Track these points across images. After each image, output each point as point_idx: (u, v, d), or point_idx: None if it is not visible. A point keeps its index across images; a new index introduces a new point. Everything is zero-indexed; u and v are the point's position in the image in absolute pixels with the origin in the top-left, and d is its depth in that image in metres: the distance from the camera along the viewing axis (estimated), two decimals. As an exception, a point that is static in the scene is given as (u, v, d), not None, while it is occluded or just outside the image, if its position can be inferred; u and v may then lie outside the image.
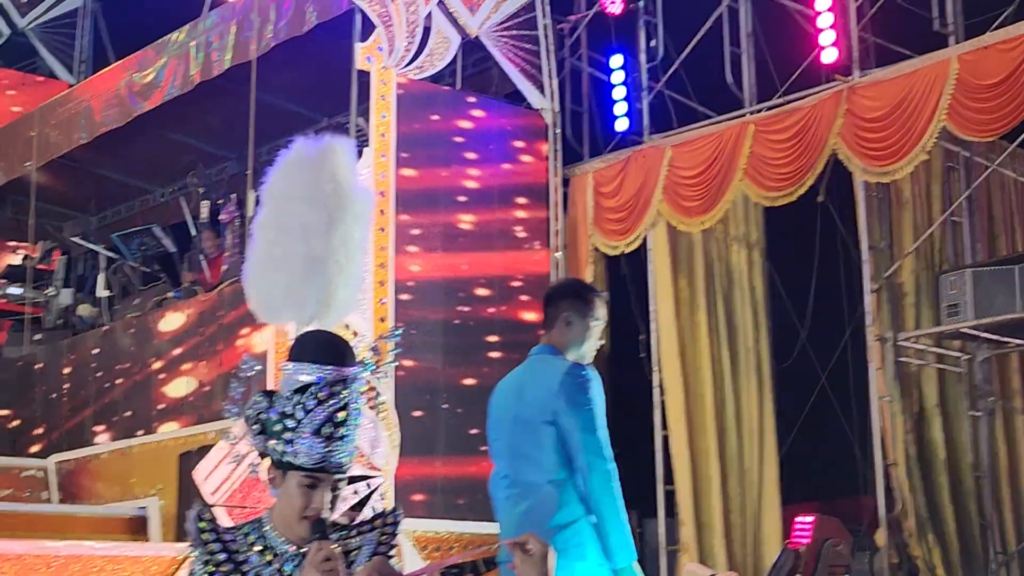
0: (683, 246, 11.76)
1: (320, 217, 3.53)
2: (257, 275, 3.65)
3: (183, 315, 11.47)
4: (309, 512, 3.33)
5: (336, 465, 3.35)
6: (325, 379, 3.36)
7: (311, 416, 3.33)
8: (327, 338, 3.49)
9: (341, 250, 3.55)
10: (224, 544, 3.42)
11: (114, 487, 11.51)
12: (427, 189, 10.67)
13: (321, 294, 3.53)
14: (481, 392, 10.67)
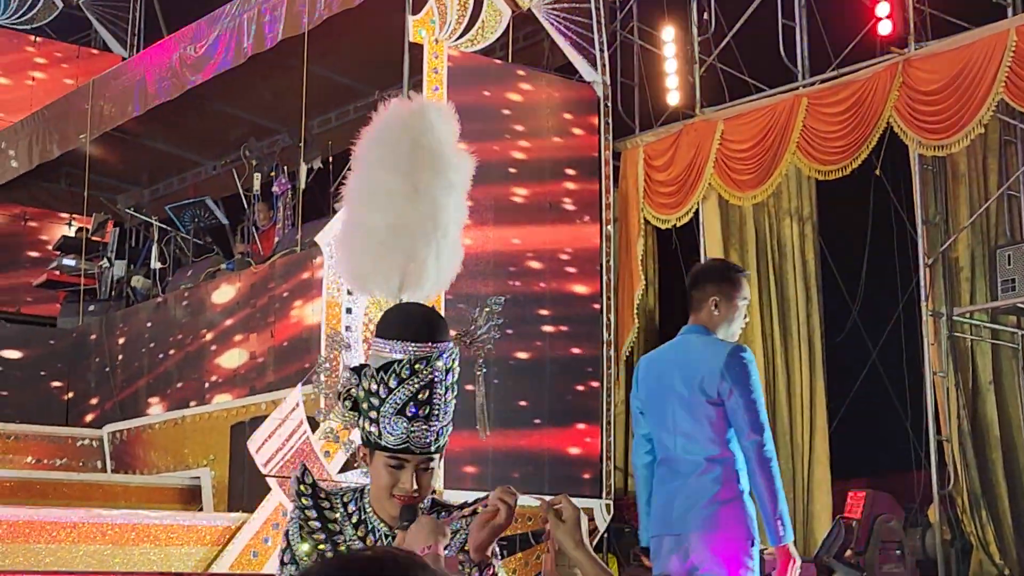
0: (734, 219, 11.72)
1: (408, 183, 3.38)
2: (346, 244, 3.53)
3: (235, 287, 11.53)
4: (397, 491, 3.25)
5: (421, 445, 3.23)
6: (408, 357, 3.23)
7: (394, 395, 3.22)
8: (415, 312, 3.36)
9: (429, 221, 3.39)
10: (321, 511, 3.37)
11: (167, 457, 11.61)
12: (478, 162, 10.61)
13: (409, 265, 3.38)
14: (532, 365, 10.74)
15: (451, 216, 3.46)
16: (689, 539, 5.14)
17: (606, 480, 10.97)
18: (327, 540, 3.32)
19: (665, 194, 11.67)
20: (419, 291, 3.41)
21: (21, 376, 13.79)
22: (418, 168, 3.40)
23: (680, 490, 5.21)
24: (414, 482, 3.23)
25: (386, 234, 3.37)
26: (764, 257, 11.72)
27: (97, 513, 8.26)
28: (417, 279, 3.41)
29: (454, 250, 3.50)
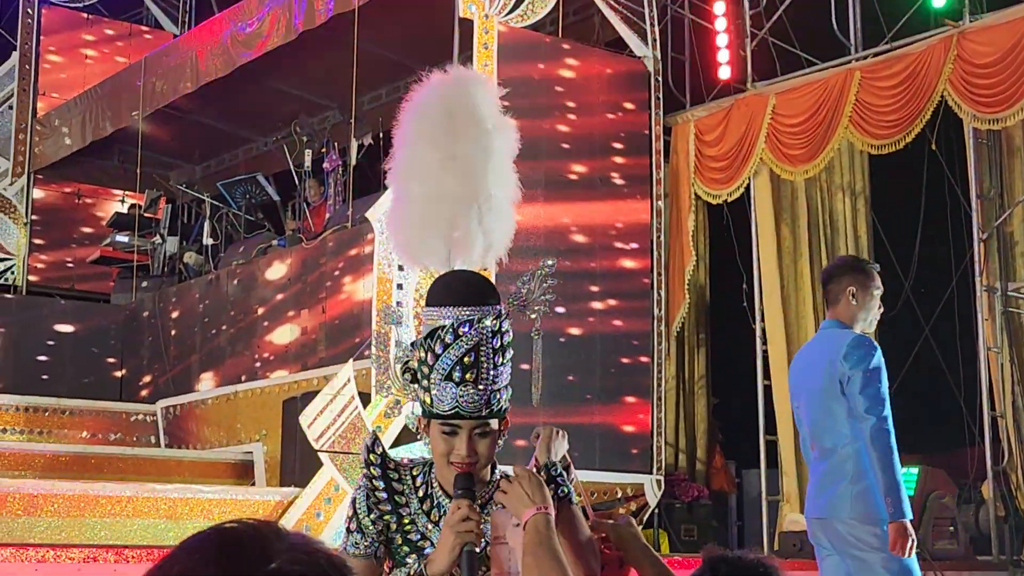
0: (786, 194, 11.66)
1: (442, 153, 3.41)
2: (393, 219, 3.57)
3: (287, 263, 11.58)
4: (453, 458, 3.25)
5: (471, 410, 3.23)
6: (452, 321, 3.24)
7: (440, 361, 3.22)
8: (458, 277, 3.38)
9: (468, 187, 3.41)
10: (389, 481, 3.37)
11: (220, 432, 11.70)
12: (528, 138, 10.58)
13: (454, 233, 3.40)
14: (582, 341, 10.73)
15: (493, 182, 3.49)
16: (832, 523, 5.60)
17: (656, 456, 10.95)
18: (392, 511, 3.34)
19: (716, 169, 11.62)
20: (468, 259, 3.44)
21: (75, 352, 13.94)
22: (455, 137, 3.43)
23: (825, 476, 5.67)
24: (469, 449, 3.23)
25: (426, 205, 3.42)
26: (816, 232, 11.66)
27: (151, 487, 8.33)
28: (464, 247, 3.43)
29: (501, 215, 3.52)
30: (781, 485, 11.09)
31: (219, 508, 8.28)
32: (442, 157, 3.41)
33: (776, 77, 11.65)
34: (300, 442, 9.43)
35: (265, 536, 1.51)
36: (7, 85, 15.64)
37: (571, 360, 10.67)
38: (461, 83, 3.52)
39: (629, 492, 10.72)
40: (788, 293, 11.46)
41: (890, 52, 10.68)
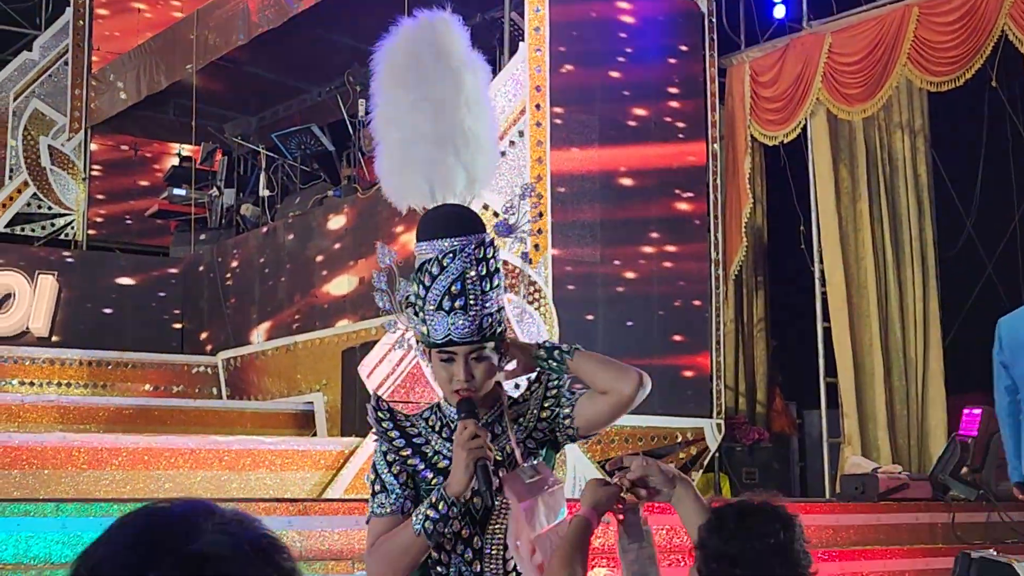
0: (844, 134, 11.53)
1: (411, 96, 3.54)
2: (380, 165, 3.70)
3: (343, 213, 11.60)
4: (454, 385, 3.41)
5: (463, 336, 3.37)
6: (437, 253, 3.40)
7: (430, 292, 3.38)
8: (440, 212, 3.51)
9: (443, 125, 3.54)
10: (403, 431, 3.52)
11: (280, 383, 11.77)
12: (582, 83, 10.57)
13: (433, 169, 3.53)
14: (639, 286, 10.69)
15: (467, 117, 3.58)
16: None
17: (716, 400, 10.93)
18: (415, 454, 3.48)
19: (772, 110, 11.50)
20: (452, 194, 3.56)
21: (136, 305, 14.06)
22: (422, 77, 3.56)
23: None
24: (467, 373, 3.38)
25: (404, 148, 3.58)
26: (875, 172, 11.53)
27: (213, 440, 8.39)
28: (445, 184, 3.54)
29: (480, 148, 3.63)
30: (842, 427, 11.03)
31: (281, 459, 8.33)
32: (414, 99, 3.55)
33: (832, 15, 11.48)
34: (360, 392, 9.48)
35: (194, 516, 1.50)
36: (62, 41, 15.71)
37: (629, 306, 10.65)
38: (425, 26, 3.63)
39: (689, 436, 10.71)
40: (847, 234, 11.36)
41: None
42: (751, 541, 2.83)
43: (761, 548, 2.81)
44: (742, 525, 2.86)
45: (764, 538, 2.82)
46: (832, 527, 8.01)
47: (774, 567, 2.81)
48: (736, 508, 2.91)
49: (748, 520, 2.86)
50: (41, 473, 7.60)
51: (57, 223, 15.50)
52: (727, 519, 2.88)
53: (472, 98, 3.64)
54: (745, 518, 2.87)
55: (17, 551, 5.69)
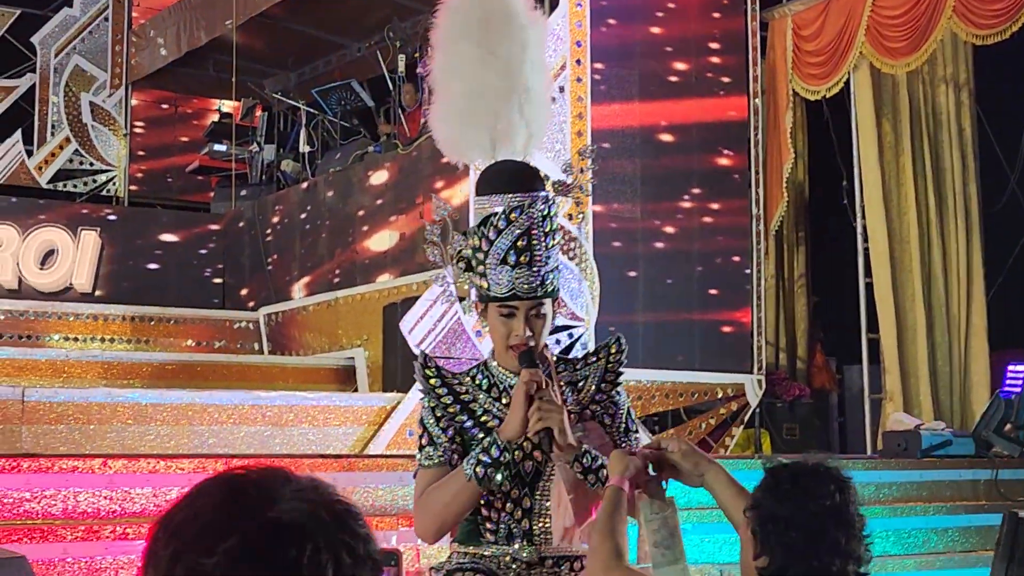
0: (887, 88, 11.43)
1: (479, 51, 3.59)
2: (439, 116, 3.72)
3: (383, 169, 11.61)
4: (512, 340, 3.45)
5: (527, 291, 3.41)
6: (504, 207, 3.41)
7: (495, 246, 3.41)
8: (505, 166, 3.55)
9: (505, 80, 3.60)
10: (451, 388, 3.54)
11: (321, 338, 11.83)
12: (623, 38, 10.52)
13: (497, 123, 3.57)
14: (680, 241, 10.67)
15: (530, 74, 3.64)
16: None
17: (757, 355, 10.91)
18: (463, 410, 3.53)
19: (814, 64, 11.41)
20: (511, 149, 3.63)
21: (178, 261, 14.13)
22: (490, 33, 3.62)
23: None
24: (526, 328, 3.41)
25: (469, 100, 3.58)
26: (918, 126, 11.43)
27: (256, 395, 8.45)
28: (507, 137, 3.61)
29: (540, 106, 3.70)
30: (884, 383, 11.00)
31: (323, 415, 8.40)
32: (482, 53, 3.57)
33: (876, -33, 11.36)
34: (401, 347, 9.52)
35: (272, 483, 1.53)
36: (102, -3, 15.75)
37: (669, 262, 10.63)
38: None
39: (730, 392, 10.71)
40: (890, 189, 11.28)
41: (995, -62, 10.36)
42: (806, 502, 2.82)
43: (816, 509, 2.81)
44: (797, 486, 2.85)
45: (819, 499, 2.82)
46: (875, 484, 7.99)
47: (829, 528, 2.80)
48: (790, 469, 2.89)
49: (803, 481, 2.85)
50: (87, 428, 7.69)
51: (99, 179, 15.58)
52: (782, 480, 2.87)
53: (535, 56, 3.68)
54: (800, 479, 2.86)
55: (66, 506, 5.75)
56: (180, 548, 1.48)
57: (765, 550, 2.85)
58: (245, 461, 6.02)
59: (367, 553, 1.53)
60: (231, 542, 1.46)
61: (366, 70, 13.87)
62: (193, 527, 1.49)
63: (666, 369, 10.25)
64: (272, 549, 1.46)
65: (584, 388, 3.58)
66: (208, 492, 1.53)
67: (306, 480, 1.56)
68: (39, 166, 15.21)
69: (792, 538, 2.81)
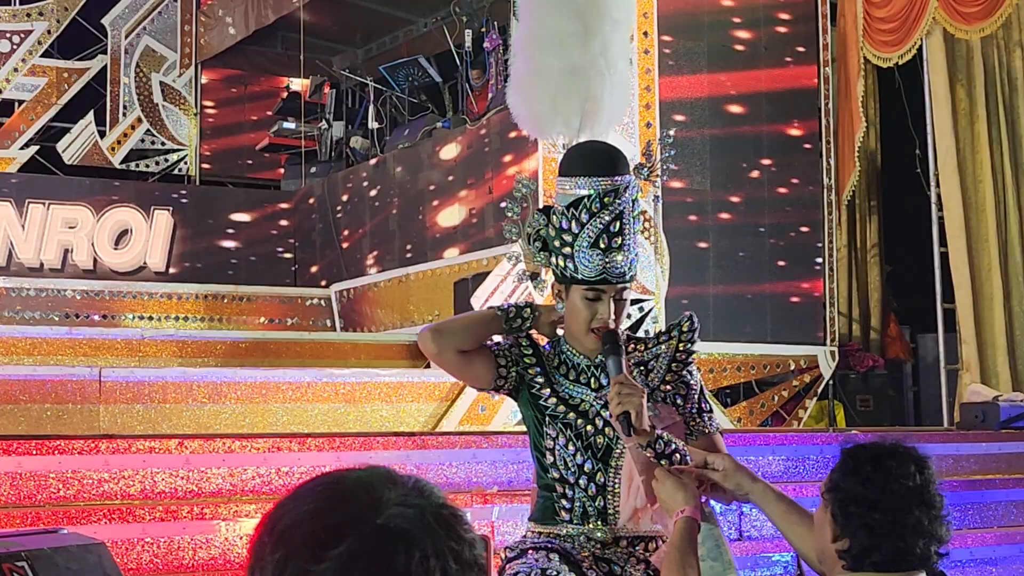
0: (961, 54, 11.25)
1: (576, 27, 3.57)
2: (521, 91, 3.70)
3: (453, 144, 11.61)
4: (595, 323, 3.44)
5: (617, 275, 3.41)
6: (597, 190, 3.37)
7: (586, 229, 3.38)
8: (597, 148, 3.51)
9: (601, 58, 3.59)
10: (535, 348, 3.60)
11: (393, 314, 11.88)
12: (691, 8, 10.44)
13: (587, 104, 3.55)
14: (750, 211, 10.59)
15: (619, 52, 3.69)
16: None
17: (830, 327, 10.83)
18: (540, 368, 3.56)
19: (886, 31, 11.25)
20: (596, 128, 3.61)
21: (249, 239, 14.24)
22: (585, 10, 3.58)
23: None
24: (611, 312, 3.42)
25: (562, 76, 3.57)
26: (993, 92, 11.25)
27: (330, 372, 8.49)
28: (594, 117, 3.65)
29: (624, 85, 3.76)
30: (960, 353, 10.86)
31: (396, 392, 8.42)
32: (576, 28, 3.56)
33: (948, -69, 11.20)
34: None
35: (377, 486, 1.53)
36: (171, -23, 15.86)
37: (740, 234, 10.57)
38: None
39: (803, 364, 10.64)
40: (964, 157, 11.12)
41: (1071, -101, 10.17)
42: (889, 483, 2.80)
43: (899, 489, 2.79)
44: (879, 467, 2.83)
45: (902, 480, 2.80)
46: (953, 456, 7.92)
47: (912, 509, 2.78)
48: (870, 450, 2.87)
49: (885, 462, 2.83)
50: (163, 407, 7.76)
51: (170, 159, 15.72)
52: (862, 462, 2.85)
53: (625, 36, 3.67)
54: (881, 460, 2.84)
55: (144, 486, 5.82)
56: (288, 554, 1.49)
57: (847, 532, 2.83)
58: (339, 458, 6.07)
59: (473, 558, 1.53)
60: (340, 549, 1.47)
61: (433, 45, 13.86)
62: (300, 533, 1.50)
63: (738, 342, 10.20)
64: (381, 557, 1.47)
65: (655, 368, 3.56)
66: (314, 496, 1.54)
67: (411, 482, 1.56)
68: (111, 147, 15.36)
69: (875, 519, 2.79)
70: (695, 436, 3.54)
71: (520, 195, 3.60)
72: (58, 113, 15.41)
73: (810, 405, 10.78)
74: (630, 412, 3.26)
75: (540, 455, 3.54)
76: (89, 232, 13.22)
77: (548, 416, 3.50)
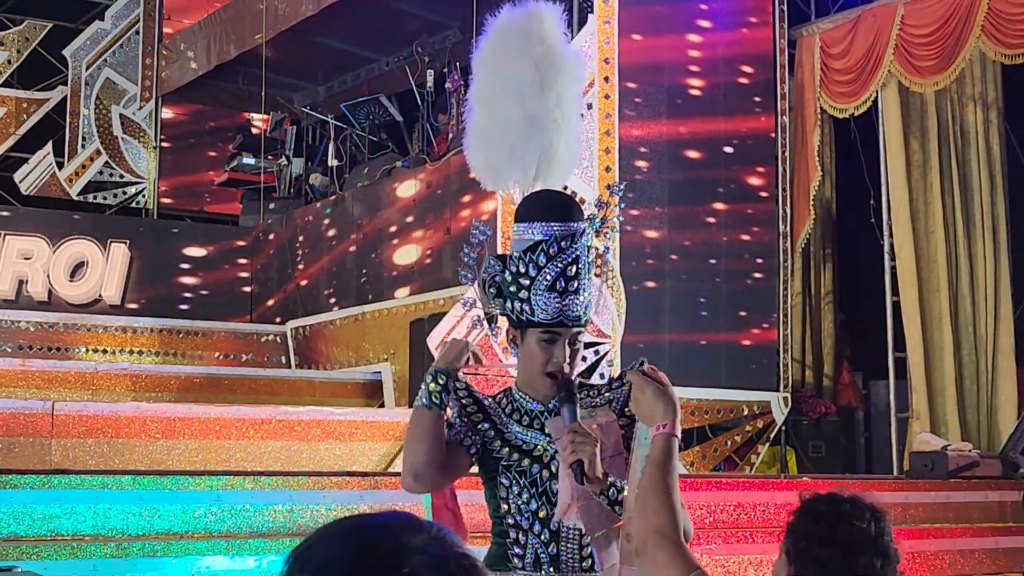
0: (915, 106, 11.42)
1: (534, 78, 3.64)
2: (478, 141, 3.76)
3: (412, 184, 11.65)
4: (550, 367, 3.47)
5: (572, 318, 3.45)
6: (554, 235, 3.44)
7: (543, 272, 3.43)
8: (552, 196, 3.59)
9: (557, 109, 3.66)
10: (475, 399, 3.60)
11: (348, 352, 11.87)
12: (651, 54, 10.54)
13: (542, 153, 3.62)
14: (707, 258, 10.67)
15: (573, 106, 3.74)
16: None
17: (783, 372, 10.90)
18: (485, 419, 3.56)
19: (842, 82, 11.41)
20: (551, 179, 3.69)
21: (206, 273, 14.21)
22: (542, 63, 3.68)
23: None
24: (566, 355, 3.46)
25: (520, 125, 3.63)
26: (946, 145, 11.41)
27: (284, 410, 8.50)
28: (549, 166, 3.68)
29: (577, 138, 3.80)
30: (911, 402, 10.97)
31: (350, 430, 8.43)
32: (535, 80, 3.60)
33: (905, -14, 11.38)
34: (428, 362, 9.53)
35: (401, 534, 1.55)
36: (133, 11, 15.84)
37: (695, 278, 10.64)
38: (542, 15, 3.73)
39: (756, 410, 10.71)
40: (917, 208, 11.27)
41: (1024, -42, 10.35)
42: (842, 523, 2.84)
43: (851, 531, 2.83)
44: (833, 508, 2.88)
45: (855, 521, 2.84)
46: (901, 504, 7.99)
47: (864, 551, 2.82)
48: (827, 496, 2.92)
49: (841, 505, 2.88)
50: (116, 442, 7.74)
51: (129, 191, 15.67)
52: (818, 504, 2.90)
53: (580, 89, 3.75)
54: (837, 504, 2.89)
55: (95, 523, 5.79)
56: None
57: (798, 568, 2.86)
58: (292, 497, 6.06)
59: None
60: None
61: (395, 84, 13.92)
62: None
63: (692, 387, 10.25)
64: None
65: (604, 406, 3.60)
66: (339, 541, 1.55)
67: (434, 530, 1.57)
68: (70, 178, 15.31)
69: (827, 556, 2.82)
70: None
71: (477, 240, 3.65)
72: (16, 143, 15.35)
73: (763, 451, 10.85)
74: (583, 461, 3.29)
75: (494, 502, 3.57)
76: (45, 263, 13.16)
77: (501, 466, 3.52)
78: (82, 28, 15.91)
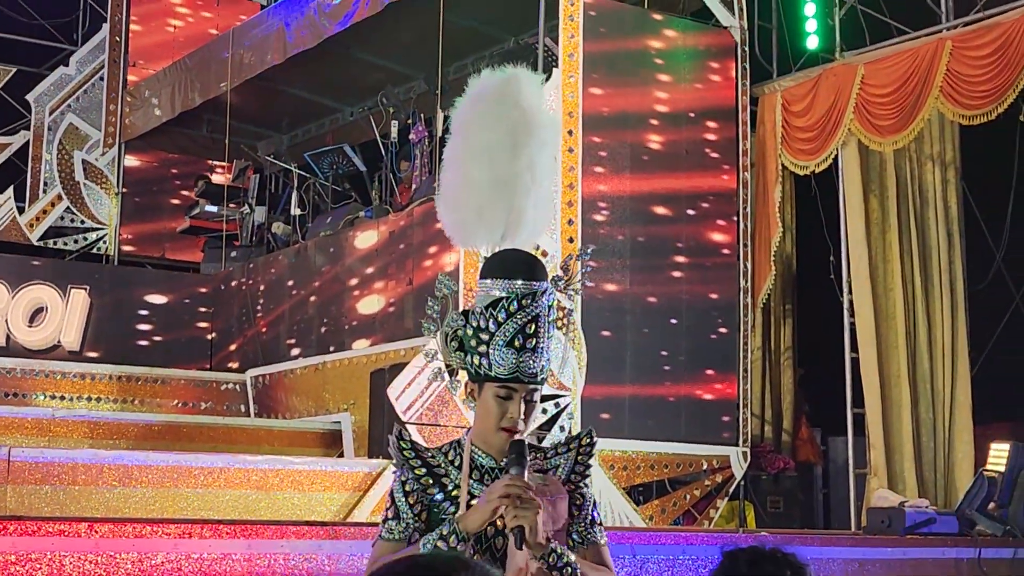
0: (875, 165, 11.54)
1: (506, 141, 3.67)
2: (448, 203, 3.81)
3: (374, 234, 11.67)
4: (505, 422, 3.49)
5: (529, 375, 3.48)
6: (515, 293, 3.50)
7: (503, 328, 3.47)
8: (517, 255, 3.62)
9: (527, 173, 3.71)
10: (425, 462, 3.59)
11: (308, 401, 11.84)
12: (615, 109, 10.62)
13: (510, 215, 3.66)
14: (667, 312, 10.72)
15: (544, 170, 3.76)
16: None
17: (742, 427, 10.93)
18: (435, 483, 3.55)
19: (804, 140, 11.52)
20: (518, 240, 3.71)
21: (166, 321, 14.16)
22: (515, 128, 3.70)
23: None
24: (522, 411, 3.48)
25: (490, 188, 3.69)
26: (905, 203, 11.53)
27: (243, 459, 8.45)
28: (517, 228, 3.69)
29: (547, 201, 3.83)
30: (869, 458, 11.02)
31: (309, 479, 8.39)
32: (506, 144, 3.69)
33: (865, 46, 11.52)
34: (388, 413, 9.53)
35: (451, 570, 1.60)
36: (98, 57, 15.85)
37: (656, 332, 10.67)
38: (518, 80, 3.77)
39: (715, 464, 10.72)
40: (876, 265, 11.37)
41: (983, 20, 10.50)
42: None
43: None
44: (754, 568, 2.87)
45: None
46: (859, 560, 8.01)
47: None
48: (748, 553, 2.92)
49: (761, 564, 2.88)
50: (72, 489, 7.68)
51: (89, 237, 15.63)
52: (739, 563, 2.90)
53: (552, 154, 3.82)
54: (757, 563, 2.89)
55: (51, 570, 5.74)
56: None
57: None
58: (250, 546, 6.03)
59: None
60: None
61: (359, 134, 13.98)
62: None
63: (651, 440, 10.27)
64: None
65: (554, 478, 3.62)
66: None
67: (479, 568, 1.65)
68: (30, 223, 15.26)
69: None
70: (586, 545, 3.60)
71: (441, 294, 3.70)
72: (-23, 187, 15.31)
73: (721, 505, 10.86)
74: (523, 527, 3.31)
75: None
76: (3, 309, 13.09)
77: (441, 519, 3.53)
78: (46, 73, 15.92)
